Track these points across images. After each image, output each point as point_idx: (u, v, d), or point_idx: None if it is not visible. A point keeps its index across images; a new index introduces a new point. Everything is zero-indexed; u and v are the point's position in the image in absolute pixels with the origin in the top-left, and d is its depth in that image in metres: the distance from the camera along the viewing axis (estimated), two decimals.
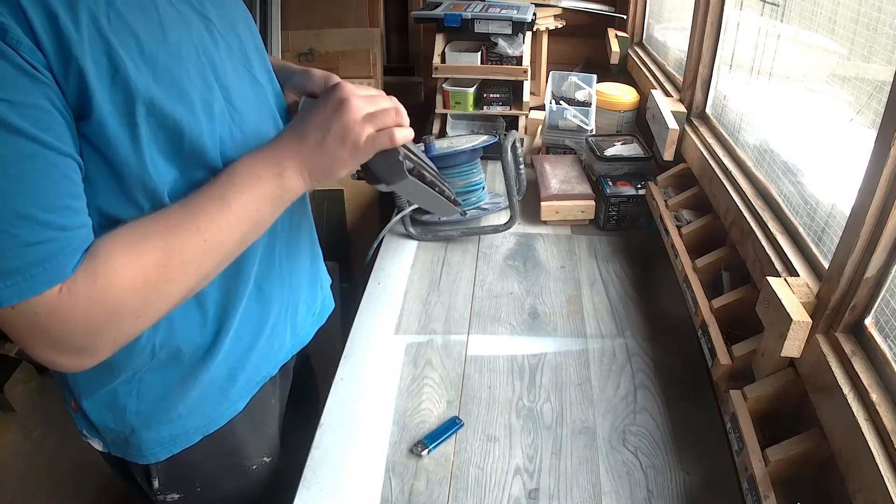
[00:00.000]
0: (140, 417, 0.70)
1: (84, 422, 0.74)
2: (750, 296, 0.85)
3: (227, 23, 0.67)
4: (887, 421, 0.55)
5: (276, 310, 0.78)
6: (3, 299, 0.48)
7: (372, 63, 1.90)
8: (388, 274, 1.18)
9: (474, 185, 1.33)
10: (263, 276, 0.74)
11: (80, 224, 0.51)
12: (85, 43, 0.49)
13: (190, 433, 0.74)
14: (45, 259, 0.48)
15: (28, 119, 0.47)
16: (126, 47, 0.53)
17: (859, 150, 0.63)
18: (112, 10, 0.52)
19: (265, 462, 0.85)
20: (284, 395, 0.93)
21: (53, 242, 0.49)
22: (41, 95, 0.48)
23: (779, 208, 0.86)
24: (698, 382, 0.92)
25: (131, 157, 0.55)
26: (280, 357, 0.83)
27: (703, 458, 0.81)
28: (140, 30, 0.54)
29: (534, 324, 1.05)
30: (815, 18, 0.83)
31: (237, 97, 0.65)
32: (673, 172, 1.23)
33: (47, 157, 0.48)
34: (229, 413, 0.77)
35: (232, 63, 0.66)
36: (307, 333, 0.89)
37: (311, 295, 0.87)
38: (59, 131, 0.49)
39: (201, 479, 0.79)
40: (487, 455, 0.82)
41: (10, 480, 1.33)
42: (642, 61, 1.66)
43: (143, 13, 0.55)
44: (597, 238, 1.29)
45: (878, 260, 0.60)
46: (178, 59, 0.58)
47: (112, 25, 0.52)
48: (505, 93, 1.66)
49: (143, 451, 0.73)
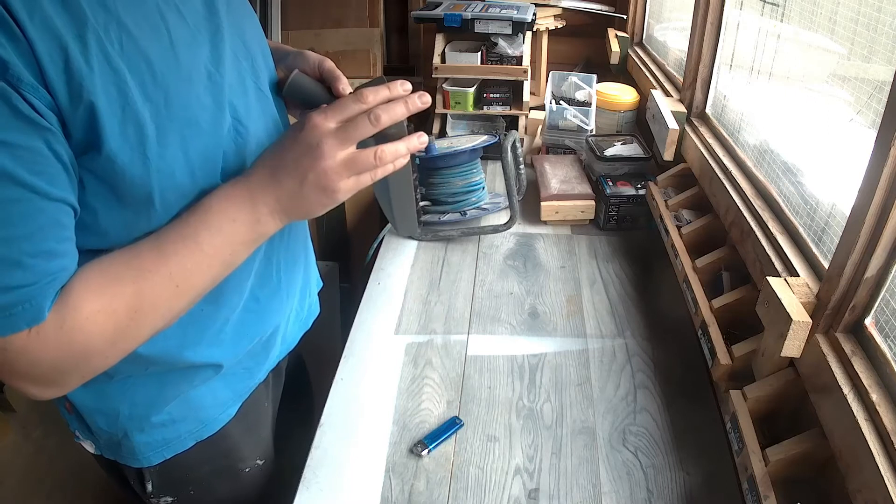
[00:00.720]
0: (133, 421, 0.70)
1: (77, 423, 0.74)
2: (750, 296, 0.85)
3: (237, 31, 0.65)
4: (887, 421, 0.55)
5: (273, 319, 0.78)
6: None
7: (372, 63, 1.91)
8: (388, 274, 1.18)
9: (474, 185, 1.33)
10: (260, 288, 0.73)
11: (62, 267, 0.50)
12: (96, 75, 0.48)
13: (183, 437, 0.74)
14: (23, 301, 0.48)
15: (20, 162, 0.45)
16: (136, 73, 0.51)
17: (859, 150, 0.63)
18: (123, 31, 0.50)
19: (258, 465, 0.85)
20: (277, 396, 0.93)
21: (34, 286, 0.48)
22: (37, 137, 0.46)
23: (779, 208, 0.86)
24: (698, 382, 0.92)
25: (139, 187, 0.54)
26: (269, 364, 0.83)
27: (703, 458, 0.81)
28: (151, 53, 0.52)
29: (534, 324, 1.05)
30: (815, 18, 0.83)
31: (244, 113, 0.63)
32: (673, 172, 1.23)
33: (36, 203, 0.47)
34: (223, 418, 0.77)
35: (239, 77, 0.64)
36: (294, 338, 0.89)
37: (300, 302, 0.87)
38: (53, 174, 0.48)
39: (194, 482, 0.79)
40: (487, 455, 0.82)
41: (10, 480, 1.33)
42: (642, 61, 1.66)
43: (153, 33, 0.53)
44: (597, 238, 1.29)
45: (878, 260, 0.60)
46: (189, 83, 0.56)
47: (124, 51, 0.50)
48: (505, 93, 1.66)
49: (135, 454, 0.72)
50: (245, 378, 0.79)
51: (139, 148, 0.52)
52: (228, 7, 0.63)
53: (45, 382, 0.53)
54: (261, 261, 0.72)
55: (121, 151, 0.51)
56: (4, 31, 0.43)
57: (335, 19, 1.93)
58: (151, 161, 0.53)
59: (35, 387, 0.53)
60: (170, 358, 0.67)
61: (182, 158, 0.56)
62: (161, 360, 0.67)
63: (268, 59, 0.72)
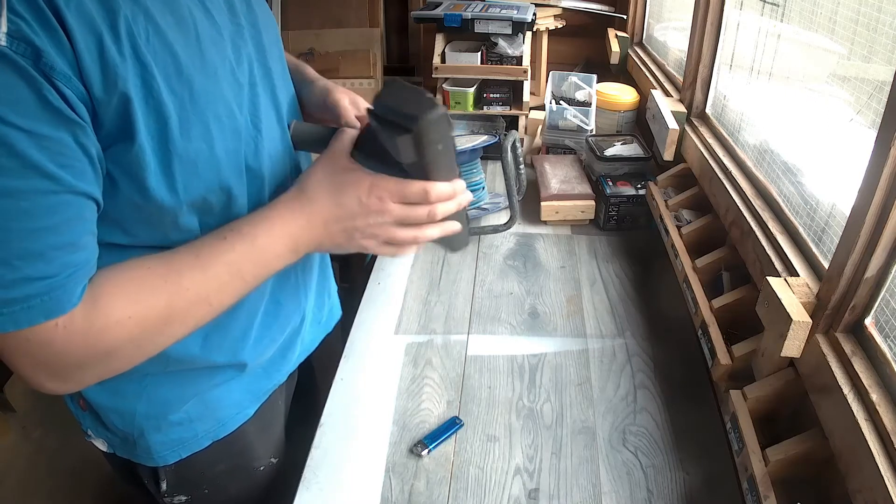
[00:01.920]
0: (149, 420, 0.70)
1: (91, 421, 0.74)
2: (750, 296, 0.85)
3: (255, 34, 0.65)
4: (887, 421, 0.55)
5: (291, 321, 0.78)
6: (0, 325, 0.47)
7: (372, 63, 1.90)
8: (388, 274, 1.18)
9: (474, 185, 1.33)
10: (279, 289, 0.74)
11: (83, 261, 0.50)
12: (128, 65, 0.48)
13: (199, 437, 0.74)
14: (45, 293, 0.48)
15: (47, 153, 0.45)
16: (162, 66, 0.51)
17: (859, 150, 0.63)
18: (150, 23, 0.50)
19: (272, 463, 0.85)
20: (290, 394, 0.94)
21: (55, 278, 0.48)
22: (65, 130, 0.46)
23: (779, 208, 0.86)
24: (698, 382, 0.92)
25: (161, 184, 0.54)
26: (289, 366, 0.84)
27: (703, 458, 0.81)
28: (177, 46, 0.52)
29: (534, 324, 1.05)
30: (815, 18, 0.83)
31: (260, 118, 0.64)
32: (673, 172, 1.23)
33: (60, 196, 0.47)
34: (240, 418, 0.77)
35: (253, 80, 0.64)
36: (313, 340, 0.89)
37: (318, 304, 0.87)
38: (79, 168, 0.48)
39: (209, 481, 0.79)
40: (487, 455, 0.82)
41: (10, 480, 1.33)
42: (642, 61, 1.66)
43: (180, 27, 0.53)
44: (597, 238, 1.29)
45: (878, 260, 0.60)
46: (215, 79, 0.56)
47: (150, 44, 0.50)
48: (505, 93, 1.66)
49: (151, 453, 0.72)
50: (265, 380, 0.79)
51: (161, 141, 0.52)
52: (248, 10, 0.64)
53: (62, 378, 0.53)
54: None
55: (145, 143, 0.51)
56: (40, 20, 0.43)
57: (335, 19, 1.93)
58: (174, 155, 0.53)
59: (51, 381, 0.53)
60: (190, 358, 0.68)
61: (207, 152, 0.56)
62: (182, 359, 0.67)
63: (283, 65, 0.72)
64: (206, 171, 0.57)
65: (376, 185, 0.61)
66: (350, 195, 0.61)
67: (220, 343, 0.69)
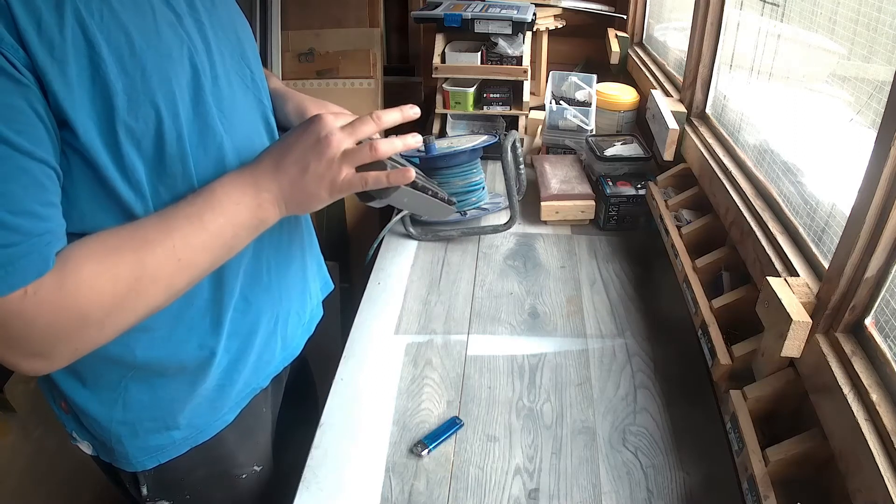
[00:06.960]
0: (126, 426, 0.70)
1: (74, 424, 0.74)
2: (750, 296, 0.85)
3: (224, 23, 0.66)
4: (887, 421, 0.55)
5: (266, 322, 0.77)
6: None
7: (372, 63, 1.90)
8: (388, 274, 1.18)
9: (474, 185, 1.33)
10: (249, 288, 0.73)
11: (45, 230, 0.50)
12: (68, 46, 0.49)
13: (178, 443, 0.74)
14: (7, 262, 0.47)
15: (1, 118, 0.45)
16: (114, 46, 0.52)
17: (859, 150, 0.63)
18: (105, 4, 0.52)
19: (255, 471, 0.84)
20: (277, 403, 0.92)
21: (16, 247, 0.47)
22: (19, 96, 0.46)
23: (779, 208, 0.86)
24: (698, 382, 0.92)
25: (111, 165, 0.54)
26: (271, 370, 0.83)
27: (703, 458, 0.81)
28: (132, 27, 0.53)
29: (534, 324, 1.05)
30: (815, 18, 0.83)
31: (227, 105, 0.65)
32: (673, 172, 1.23)
33: (17, 161, 0.47)
34: (219, 425, 0.77)
35: (224, 68, 0.65)
36: (297, 344, 0.88)
37: (300, 305, 0.86)
38: (36, 135, 0.48)
39: (189, 488, 0.78)
40: (487, 455, 0.82)
41: (10, 480, 1.33)
42: (642, 61, 1.66)
43: (136, 8, 0.55)
44: (597, 238, 1.29)
45: (878, 260, 0.60)
46: (170, 59, 0.57)
47: (103, 22, 0.51)
48: (505, 93, 1.66)
49: (129, 458, 0.72)
50: (242, 385, 0.78)
51: (107, 120, 0.52)
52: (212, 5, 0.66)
53: (35, 352, 0.52)
54: (249, 259, 0.72)
55: (88, 122, 0.51)
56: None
57: (335, 19, 1.93)
58: (121, 134, 0.54)
59: (25, 358, 0.52)
60: (157, 360, 0.67)
61: (153, 133, 0.57)
62: (150, 362, 0.67)
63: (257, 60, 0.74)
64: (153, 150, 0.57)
65: (317, 116, 0.64)
66: (294, 132, 0.64)
67: (186, 337, 0.68)
